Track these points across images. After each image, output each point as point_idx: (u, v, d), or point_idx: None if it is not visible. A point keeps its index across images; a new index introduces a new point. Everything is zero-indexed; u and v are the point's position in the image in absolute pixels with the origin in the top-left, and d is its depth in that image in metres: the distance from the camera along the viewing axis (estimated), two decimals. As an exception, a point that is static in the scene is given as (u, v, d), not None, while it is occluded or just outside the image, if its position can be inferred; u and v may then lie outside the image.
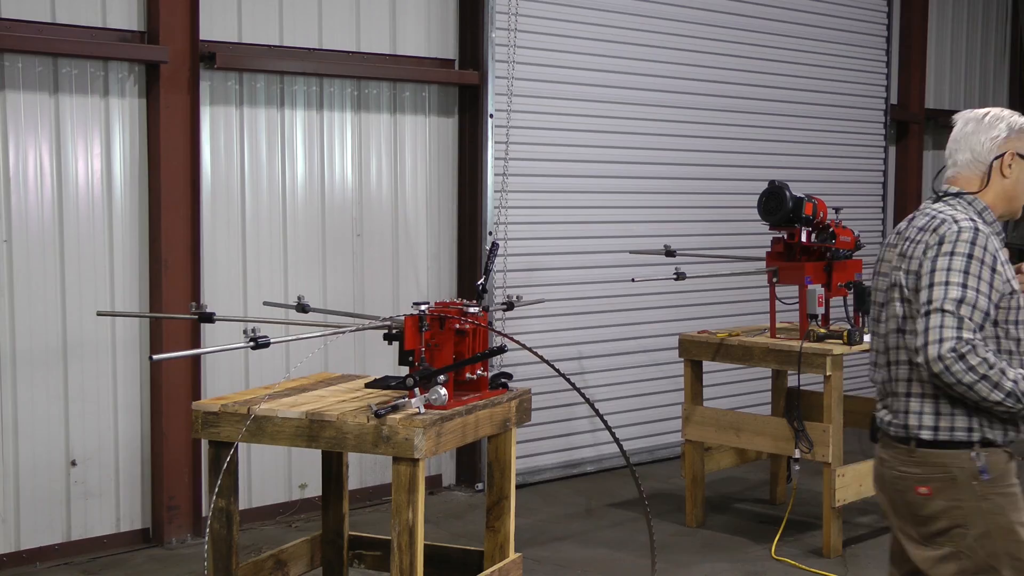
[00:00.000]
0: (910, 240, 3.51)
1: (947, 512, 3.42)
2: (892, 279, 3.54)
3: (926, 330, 3.30)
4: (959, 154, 3.61)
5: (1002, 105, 11.23)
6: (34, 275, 5.95)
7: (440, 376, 4.28)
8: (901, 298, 3.48)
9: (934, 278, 3.34)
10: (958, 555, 3.42)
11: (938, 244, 3.39)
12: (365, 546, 5.24)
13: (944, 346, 3.26)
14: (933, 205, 3.59)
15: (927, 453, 3.44)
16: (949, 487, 3.41)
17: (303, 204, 6.83)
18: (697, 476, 6.74)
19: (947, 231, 3.39)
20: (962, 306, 3.29)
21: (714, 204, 8.61)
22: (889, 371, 3.55)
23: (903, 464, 3.50)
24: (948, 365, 3.26)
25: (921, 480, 3.45)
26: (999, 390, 3.28)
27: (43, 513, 6.02)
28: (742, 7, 8.67)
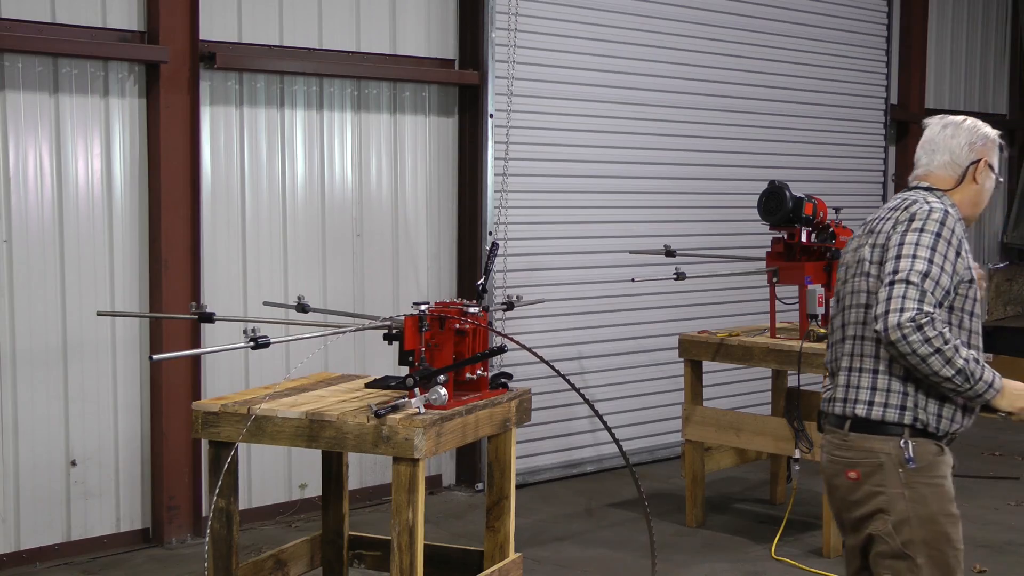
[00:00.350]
0: (879, 219, 3.59)
1: (872, 497, 3.48)
2: (858, 255, 3.59)
3: (888, 299, 3.34)
4: (937, 155, 3.68)
5: (1002, 105, 11.35)
6: (34, 275, 5.95)
7: (440, 376, 4.28)
8: (866, 273, 3.53)
9: (901, 251, 3.40)
10: (875, 539, 3.49)
11: (908, 220, 3.46)
12: (365, 546, 5.24)
13: (904, 315, 3.30)
14: (904, 192, 3.68)
15: (858, 438, 3.50)
16: (876, 472, 3.47)
17: (303, 204, 6.83)
18: (697, 476, 6.74)
19: (918, 209, 3.48)
20: (926, 280, 3.34)
21: (714, 204, 8.61)
22: (843, 346, 3.59)
23: (836, 449, 3.57)
24: (906, 334, 3.29)
25: (851, 464, 3.52)
26: (951, 366, 3.31)
27: (43, 513, 6.02)
28: (742, 7, 8.67)
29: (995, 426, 9.75)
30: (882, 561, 3.51)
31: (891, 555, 3.48)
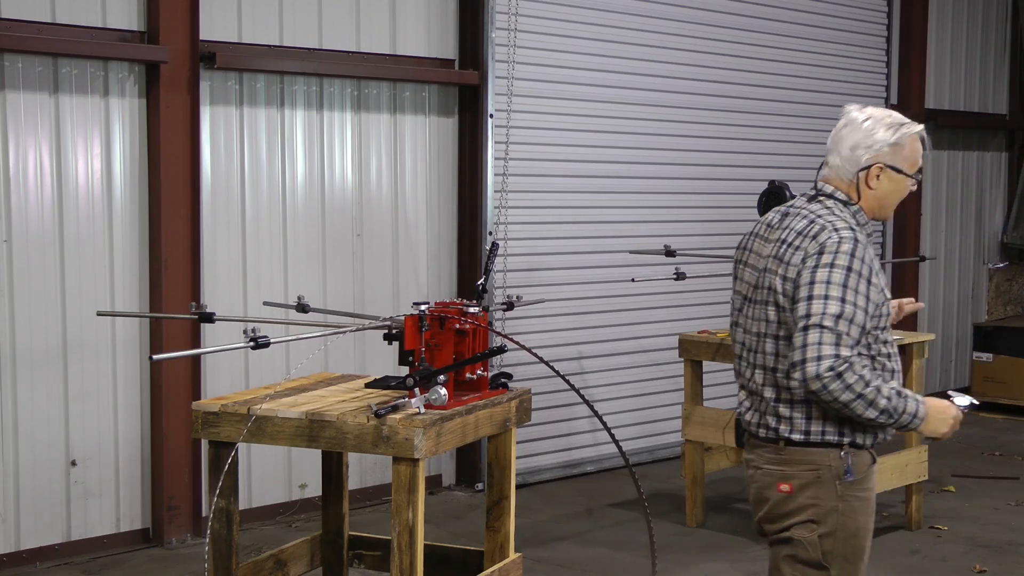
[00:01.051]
0: (787, 244, 3.40)
1: (804, 509, 3.42)
2: (766, 282, 3.43)
3: (804, 346, 3.23)
4: (831, 156, 3.50)
5: (1002, 105, 11.34)
6: (34, 275, 5.95)
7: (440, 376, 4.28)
8: (776, 304, 3.39)
9: (813, 290, 3.27)
10: (795, 544, 3.44)
11: (818, 254, 3.30)
12: (365, 546, 5.23)
13: (823, 364, 3.20)
14: (809, 206, 3.47)
15: (795, 451, 3.42)
16: (812, 484, 3.41)
17: (303, 204, 6.83)
18: (697, 476, 6.74)
19: (827, 240, 3.31)
20: (840, 321, 3.23)
21: (714, 204, 8.61)
22: (755, 373, 3.48)
23: (768, 462, 3.48)
24: (826, 384, 3.21)
25: (784, 477, 3.44)
26: (873, 408, 3.25)
27: (43, 513, 6.02)
28: (742, 7, 8.67)
29: (995, 426, 9.76)
30: (793, 563, 3.47)
31: (806, 562, 3.44)
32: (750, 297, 3.52)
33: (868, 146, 3.43)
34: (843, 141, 3.45)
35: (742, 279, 3.58)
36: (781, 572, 3.50)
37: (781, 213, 3.54)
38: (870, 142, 3.43)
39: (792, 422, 3.41)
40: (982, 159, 11.24)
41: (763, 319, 3.43)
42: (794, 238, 3.39)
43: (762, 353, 3.45)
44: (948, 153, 10.88)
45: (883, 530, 6.67)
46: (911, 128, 3.46)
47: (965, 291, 11.11)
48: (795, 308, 3.29)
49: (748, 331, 3.52)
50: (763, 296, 3.43)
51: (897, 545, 6.43)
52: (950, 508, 7.17)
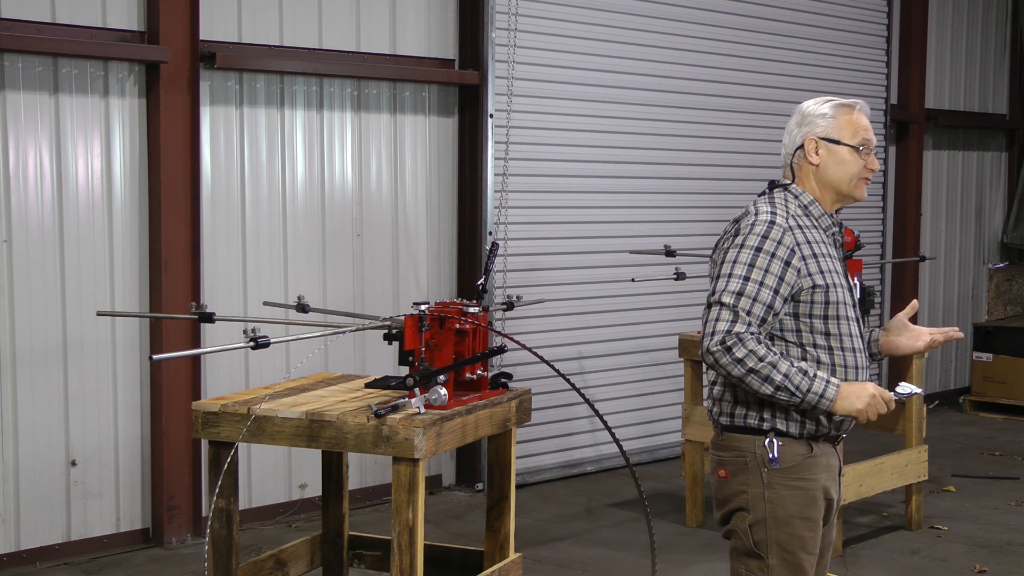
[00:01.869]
0: (722, 235, 3.54)
1: (736, 495, 3.47)
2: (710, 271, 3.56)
3: (704, 322, 3.37)
4: (784, 147, 3.59)
5: (1002, 105, 11.34)
6: (34, 275, 5.95)
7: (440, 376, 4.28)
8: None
9: (721, 269, 3.40)
10: (733, 534, 3.50)
11: (734, 235, 3.43)
12: (365, 546, 5.24)
13: (714, 339, 3.30)
14: (757, 199, 3.57)
15: (728, 437, 3.50)
16: (742, 471, 3.45)
17: (303, 204, 6.84)
18: (697, 476, 6.74)
19: (743, 223, 3.43)
20: (741, 299, 3.31)
21: (714, 204, 8.61)
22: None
23: (713, 448, 3.58)
24: (717, 358, 3.31)
25: (721, 463, 3.52)
26: (769, 383, 3.29)
27: (43, 513, 6.02)
28: (742, 7, 8.67)
29: (995, 426, 9.76)
30: (737, 556, 3.51)
31: (745, 552, 3.48)
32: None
33: (800, 123, 3.53)
34: (787, 131, 3.57)
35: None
36: (732, 567, 3.55)
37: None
38: (803, 120, 3.52)
39: (721, 404, 3.52)
40: (982, 159, 11.24)
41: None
42: (730, 226, 3.51)
43: None
44: (948, 153, 10.89)
45: (883, 530, 6.68)
46: (845, 101, 3.53)
47: (965, 291, 11.11)
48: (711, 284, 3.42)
49: None
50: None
51: (897, 545, 6.43)
52: (950, 508, 7.18)
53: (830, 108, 3.50)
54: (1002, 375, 10.22)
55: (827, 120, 3.49)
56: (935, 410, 10.24)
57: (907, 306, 3.73)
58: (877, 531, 6.64)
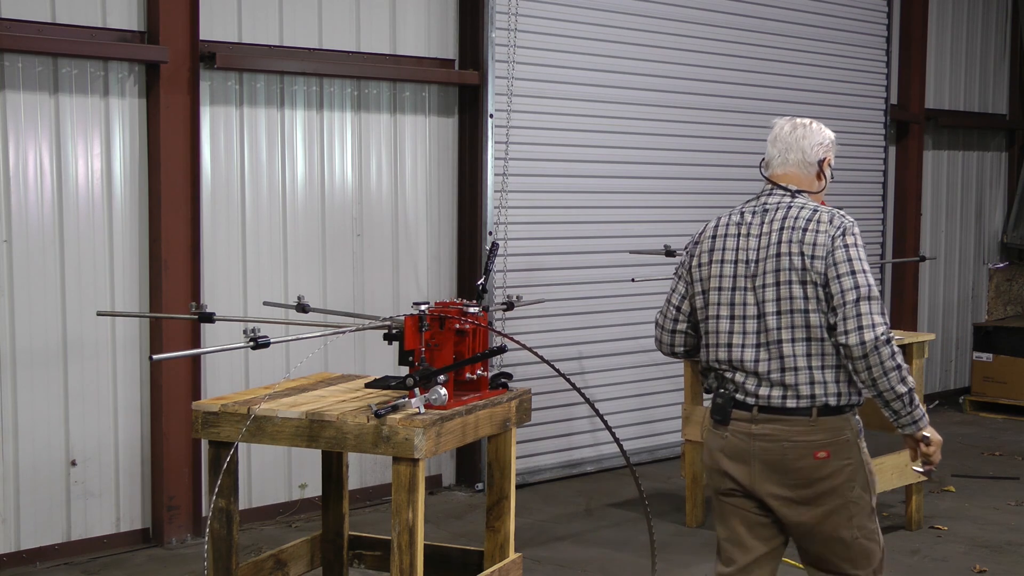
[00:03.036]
0: (799, 230, 3.75)
1: (841, 470, 3.74)
2: (783, 264, 3.73)
3: (859, 315, 3.60)
4: (791, 154, 3.93)
5: (1002, 105, 11.35)
6: (34, 275, 5.95)
7: (440, 376, 4.28)
8: (804, 282, 3.69)
9: (853, 266, 3.65)
10: (847, 505, 3.76)
11: (843, 234, 3.70)
12: (365, 546, 5.24)
13: (877, 330, 3.59)
14: (795, 200, 3.85)
15: (826, 420, 3.72)
16: (844, 448, 3.74)
17: (303, 204, 6.84)
18: (697, 476, 6.74)
19: (844, 223, 3.74)
20: (877, 294, 3.67)
21: (714, 204, 8.59)
22: (771, 353, 3.74)
23: (801, 435, 3.72)
24: (879, 348, 3.58)
25: (821, 446, 3.72)
26: (904, 384, 3.64)
27: (43, 513, 6.02)
28: (742, 7, 8.67)
29: (995, 426, 9.77)
30: (847, 523, 3.77)
31: (861, 514, 3.79)
32: (743, 287, 3.80)
33: (820, 143, 3.93)
34: (801, 141, 3.92)
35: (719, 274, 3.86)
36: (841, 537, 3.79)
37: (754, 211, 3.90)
38: (822, 139, 3.94)
39: (826, 386, 3.71)
40: (982, 159, 11.24)
41: (787, 297, 3.71)
42: (805, 223, 3.75)
43: (789, 328, 3.71)
44: (948, 153, 10.89)
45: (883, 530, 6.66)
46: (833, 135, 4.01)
47: (965, 291, 11.11)
48: (838, 281, 3.64)
49: (748, 317, 3.79)
50: (783, 278, 3.71)
51: (897, 545, 6.43)
52: (950, 508, 7.18)
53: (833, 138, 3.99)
54: (1002, 375, 10.22)
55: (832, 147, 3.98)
56: (935, 410, 10.23)
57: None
58: (877, 531, 6.63)
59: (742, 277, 3.81)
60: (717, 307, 3.86)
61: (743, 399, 3.80)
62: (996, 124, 11.33)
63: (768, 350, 3.74)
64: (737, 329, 3.80)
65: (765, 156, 4.07)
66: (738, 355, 3.80)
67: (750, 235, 3.84)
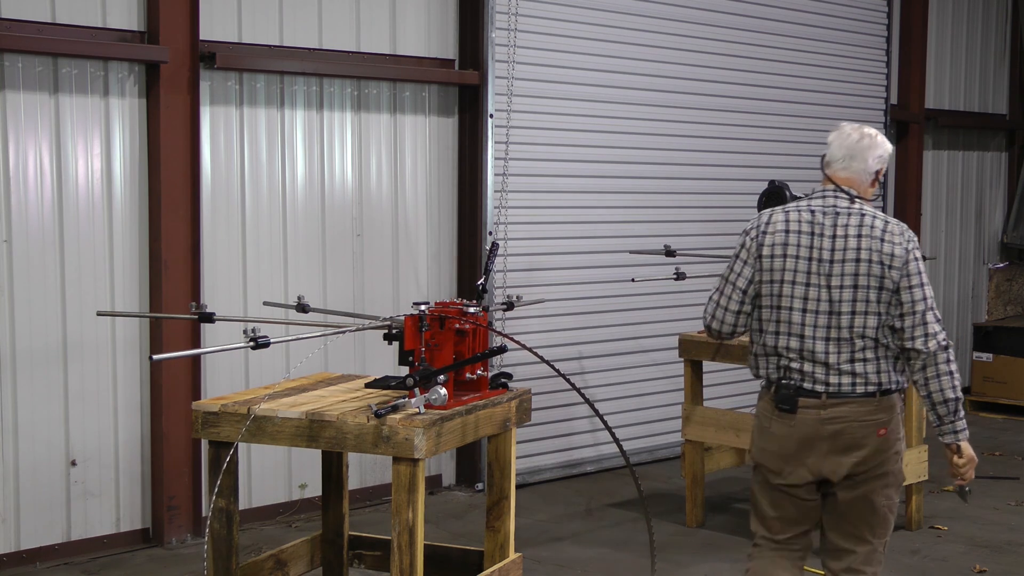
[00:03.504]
0: (874, 238, 4.09)
1: (893, 445, 4.18)
2: (862, 270, 4.07)
3: (925, 324, 4.04)
4: (855, 162, 4.23)
5: (1002, 105, 11.34)
6: (34, 275, 5.95)
7: (440, 376, 4.28)
8: (880, 288, 4.06)
9: (922, 279, 4.08)
10: (890, 475, 4.20)
11: (914, 249, 4.11)
12: (365, 546, 5.24)
13: (939, 338, 4.05)
14: (864, 207, 4.18)
15: (885, 400, 4.13)
16: (897, 423, 4.19)
17: (303, 204, 6.84)
18: (697, 476, 6.74)
19: (911, 237, 4.14)
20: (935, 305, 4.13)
21: (714, 204, 8.62)
22: (841, 346, 4.10)
23: (870, 414, 4.11)
24: (938, 354, 4.03)
25: (883, 423, 4.13)
26: (954, 391, 4.07)
27: (43, 513, 6.02)
28: (742, 7, 8.67)
29: (995, 426, 9.76)
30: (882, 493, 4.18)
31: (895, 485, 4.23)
32: (818, 284, 4.11)
33: (880, 155, 4.27)
34: (866, 151, 4.23)
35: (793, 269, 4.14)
36: (874, 504, 4.17)
37: (824, 211, 4.17)
38: (882, 152, 4.28)
39: (890, 374, 4.12)
40: (982, 159, 11.24)
41: (863, 300, 4.08)
42: (882, 234, 4.10)
43: (861, 327, 4.09)
44: (948, 153, 10.89)
45: (883, 530, 6.67)
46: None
47: (965, 291, 11.11)
48: (909, 292, 4.06)
49: (820, 312, 4.11)
50: (861, 282, 4.08)
51: (897, 545, 6.43)
52: (950, 508, 7.17)
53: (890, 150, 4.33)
54: (1002, 375, 10.22)
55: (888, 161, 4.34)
56: (935, 410, 10.22)
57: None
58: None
59: (815, 274, 4.11)
60: (791, 299, 4.13)
61: (811, 387, 4.11)
62: (996, 124, 11.33)
63: (839, 344, 4.08)
64: (809, 322, 4.11)
65: (826, 155, 4.29)
66: (810, 345, 4.10)
67: (824, 235, 4.12)
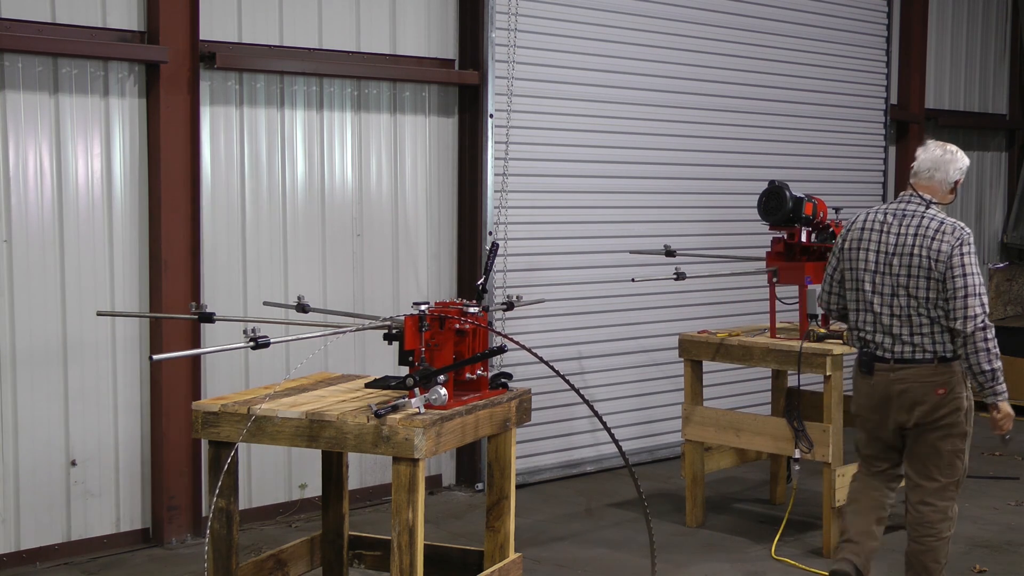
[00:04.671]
0: (928, 237, 5.08)
1: (952, 401, 5.10)
2: (915, 262, 5.06)
3: (965, 307, 4.95)
4: (937, 172, 5.21)
5: (1002, 105, 11.36)
6: (34, 275, 5.96)
7: (440, 376, 4.28)
8: (929, 277, 5.02)
9: (965, 270, 4.98)
10: (952, 426, 5.13)
11: (960, 244, 5.02)
12: (365, 546, 5.24)
13: (977, 320, 4.94)
14: (927, 211, 5.16)
15: (943, 366, 5.07)
16: (956, 386, 5.09)
17: (303, 204, 6.84)
18: (697, 476, 6.74)
19: (962, 235, 5.06)
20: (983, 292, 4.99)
21: (714, 204, 8.61)
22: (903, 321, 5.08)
23: (929, 376, 5.08)
24: (975, 333, 4.92)
25: (940, 384, 5.08)
26: (990, 364, 4.95)
27: (43, 513, 6.02)
28: (742, 7, 8.68)
29: (995, 426, 9.75)
30: (948, 439, 5.14)
31: (960, 436, 5.16)
32: (883, 271, 5.12)
33: (959, 168, 5.23)
34: (948, 165, 5.20)
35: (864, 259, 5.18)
36: (939, 449, 5.15)
37: (895, 214, 5.18)
38: (961, 165, 5.24)
39: (944, 345, 5.05)
40: (982, 159, 11.24)
41: (915, 288, 5.05)
42: (934, 233, 5.08)
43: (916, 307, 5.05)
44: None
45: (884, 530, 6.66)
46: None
47: (965, 291, 11.09)
48: (953, 280, 4.97)
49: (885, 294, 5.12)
50: (913, 272, 5.06)
51: (897, 545, 6.42)
52: (950, 508, 7.17)
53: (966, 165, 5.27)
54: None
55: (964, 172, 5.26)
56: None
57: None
58: (877, 531, 6.62)
59: (882, 264, 5.12)
60: (864, 283, 5.17)
61: (883, 354, 5.14)
62: (996, 124, 11.33)
63: (900, 320, 5.07)
64: (878, 302, 5.12)
65: (914, 167, 5.24)
66: (880, 320, 5.12)
67: (889, 232, 5.14)
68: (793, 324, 6.89)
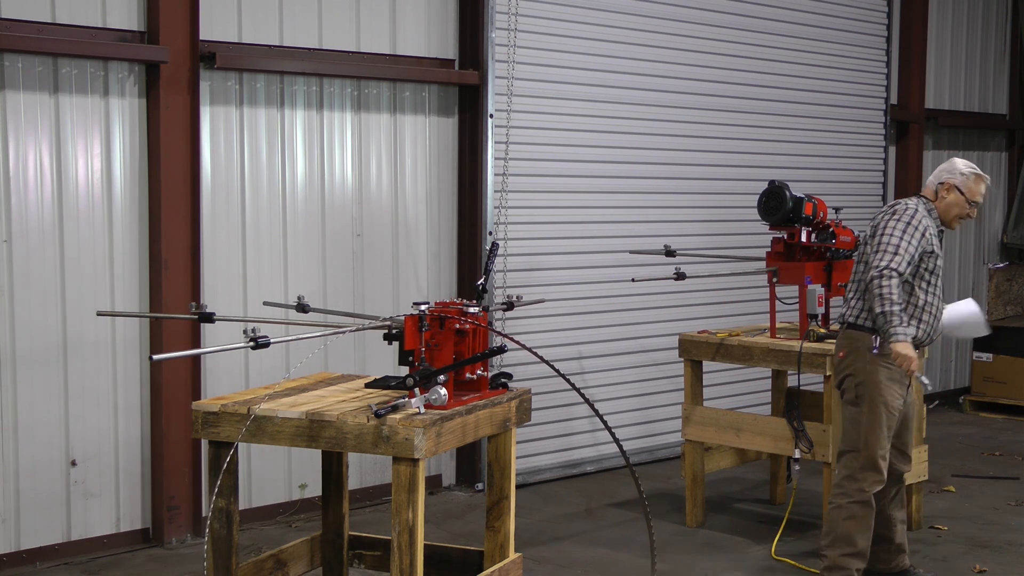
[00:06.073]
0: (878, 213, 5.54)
1: (849, 367, 5.46)
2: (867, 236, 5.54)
3: (873, 260, 5.29)
4: (932, 177, 5.64)
5: (1002, 105, 11.37)
6: (34, 275, 5.96)
7: (440, 376, 4.28)
8: (866, 244, 5.45)
9: (886, 229, 5.34)
10: (845, 391, 5.49)
11: (893, 213, 5.42)
12: (365, 546, 5.24)
13: (879, 268, 5.23)
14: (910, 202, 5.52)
15: (850, 330, 5.47)
16: (855, 352, 5.43)
17: (303, 204, 6.84)
18: (697, 476, 6.74)
19: (899, 207, 5.46)
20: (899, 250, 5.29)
21: (714, 204, 8.61)
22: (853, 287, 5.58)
23: (840, 339, 5.54)
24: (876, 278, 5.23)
25: (842, 347, 5.51)
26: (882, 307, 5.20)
27: (43, 513, 6.02)
28: (742, 7, 8.67)
29: (995, 426, 9.77)
30: (846, 407, 5.49)
31: (850, 402, 5.45)
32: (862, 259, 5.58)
33: (949, 171, 5.59)
34: (939, 171, 5.61)
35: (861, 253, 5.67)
36: (842, 414, 5.55)
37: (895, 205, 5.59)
38: (951, 169, 5.59)
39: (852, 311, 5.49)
40: (982, 159, 11.24)
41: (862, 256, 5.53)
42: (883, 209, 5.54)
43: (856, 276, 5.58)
44: (948, 153, 10.87)
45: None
46: (980, 173, 5.61)
47: (965, 291, 11.10)
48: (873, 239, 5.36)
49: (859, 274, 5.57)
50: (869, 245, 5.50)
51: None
52: (950, 508, 7.18)
53: (970, 172, 5.57)
54: (1002, 375, 10.22)
55: (963, 179, 5.55)
56: (935, 410, 10.24)
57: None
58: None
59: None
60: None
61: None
62: (996, 124, 11.32)
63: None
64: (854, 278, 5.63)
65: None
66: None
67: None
68: (793, 324, 6.89)
